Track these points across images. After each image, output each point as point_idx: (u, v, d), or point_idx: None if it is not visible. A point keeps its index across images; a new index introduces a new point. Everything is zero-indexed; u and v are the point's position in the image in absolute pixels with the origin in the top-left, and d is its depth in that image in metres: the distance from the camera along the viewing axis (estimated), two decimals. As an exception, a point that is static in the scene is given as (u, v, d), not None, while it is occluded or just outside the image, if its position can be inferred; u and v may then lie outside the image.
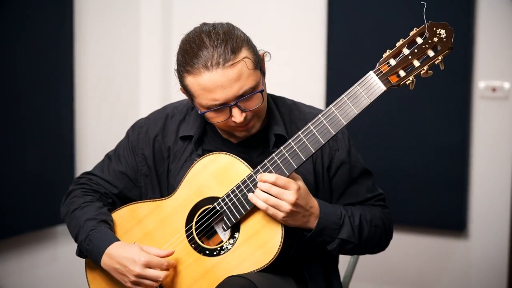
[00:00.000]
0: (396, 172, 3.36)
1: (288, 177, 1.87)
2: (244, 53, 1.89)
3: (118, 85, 3.68)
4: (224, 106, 1.90)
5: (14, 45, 3.10)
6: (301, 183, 1.88)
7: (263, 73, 1.98)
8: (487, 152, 3.27)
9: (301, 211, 1.87)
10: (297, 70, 3.55)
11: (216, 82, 1.86)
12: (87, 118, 3.48)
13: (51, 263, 3.40)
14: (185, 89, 1.95)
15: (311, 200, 1.90)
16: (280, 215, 1.85)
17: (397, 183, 3.33)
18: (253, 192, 1.89)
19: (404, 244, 3.42)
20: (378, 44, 3.34)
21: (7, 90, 3.08)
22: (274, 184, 1.84)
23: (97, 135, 3.53)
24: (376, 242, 2.06)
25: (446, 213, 3.33)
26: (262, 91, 1.92)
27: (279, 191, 1.84)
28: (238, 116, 1.90)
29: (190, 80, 1.90)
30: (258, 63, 1.93)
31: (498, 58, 3.20)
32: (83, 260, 2.15)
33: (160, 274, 1.91)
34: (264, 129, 2.06)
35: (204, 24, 1.96)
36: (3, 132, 3.07)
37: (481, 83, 3.23)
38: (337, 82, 3.45)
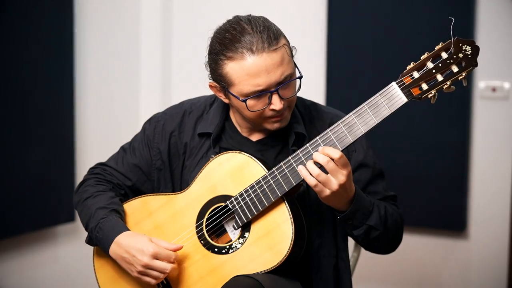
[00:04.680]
0: (396, 172, 3.35)
1: None
2: (283, 40, 1.95)
3: (118, 85, 3.67)
4: (265, 92, 1.91)
5: (15, 46, 3.09)
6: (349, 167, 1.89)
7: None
8: (487, 152, 3.28)
9: (343, 193, 1.87)
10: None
11: (261, 66, 1.88)
12: (87, 118, 3.47)
13: (51, 263, 3.39)
14: (223, 78, 1.94)
15: (352, 184, 1.90)
16: (326, 192, 1.85)
17: (397, 183, 3.31)
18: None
19: (404, 244, 3.40)
20: (378, 44, 3.38)
21: (7, 90, 3.07)
22: (333, 160, 1.83)
23: (97, 135, 3.52)
24: (394, 236, 2.07)
25: (446, 213, 3.33)
26: (301, 78, 1.95)
27: (335, 168, 1.83)
28: (277, 103, 1.92)
29: (231, 66, 1.91)
30: (292, 54, 1.98)
31: (498, 58, 3.21)
32: (83, 260, 2.14)
33: (167, 266, 1.92)
34: (283, 128, 2.05)
35: (237, 16, 2.00)
36: (4, 132, 3.06)
37: (481, 83, 3.24)
38: (337, 82, 3.45)
